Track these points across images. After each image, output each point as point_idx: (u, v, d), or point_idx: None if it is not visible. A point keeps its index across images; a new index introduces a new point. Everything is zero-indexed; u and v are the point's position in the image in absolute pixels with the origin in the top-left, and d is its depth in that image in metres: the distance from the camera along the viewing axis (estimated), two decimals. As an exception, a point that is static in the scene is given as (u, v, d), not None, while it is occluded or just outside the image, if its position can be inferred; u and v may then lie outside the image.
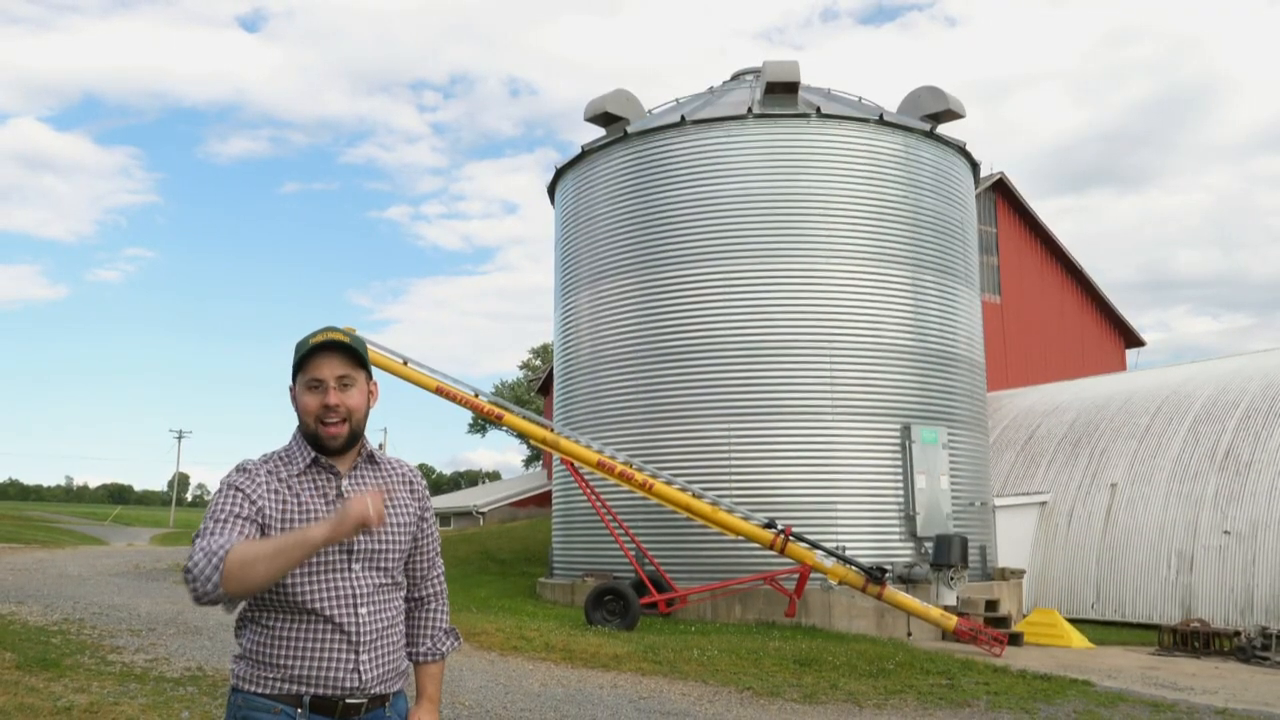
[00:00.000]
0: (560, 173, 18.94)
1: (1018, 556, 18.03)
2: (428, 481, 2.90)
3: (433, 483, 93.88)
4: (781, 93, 16.66)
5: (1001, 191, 28.47)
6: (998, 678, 9.98)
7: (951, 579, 14.11)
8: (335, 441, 2.47)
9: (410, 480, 2.64)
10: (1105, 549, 17.54)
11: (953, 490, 15.86)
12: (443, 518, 36.66)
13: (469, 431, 62.12)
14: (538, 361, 57.80)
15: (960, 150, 17.73)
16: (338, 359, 2.48)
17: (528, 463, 55.69)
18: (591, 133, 18.31)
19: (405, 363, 15.26)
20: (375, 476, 2.57)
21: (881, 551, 14.66)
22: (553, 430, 15.05)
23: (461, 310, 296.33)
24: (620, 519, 14.77)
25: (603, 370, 16.89)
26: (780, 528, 13.06)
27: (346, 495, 2.47)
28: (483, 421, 54.92)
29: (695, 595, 14.37)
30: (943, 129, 17.45)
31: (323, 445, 2.48)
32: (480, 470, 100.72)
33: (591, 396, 17.06)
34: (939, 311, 16.46)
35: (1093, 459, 18.90)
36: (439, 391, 15.18)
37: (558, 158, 37.82)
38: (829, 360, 15.40)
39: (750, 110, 16.29)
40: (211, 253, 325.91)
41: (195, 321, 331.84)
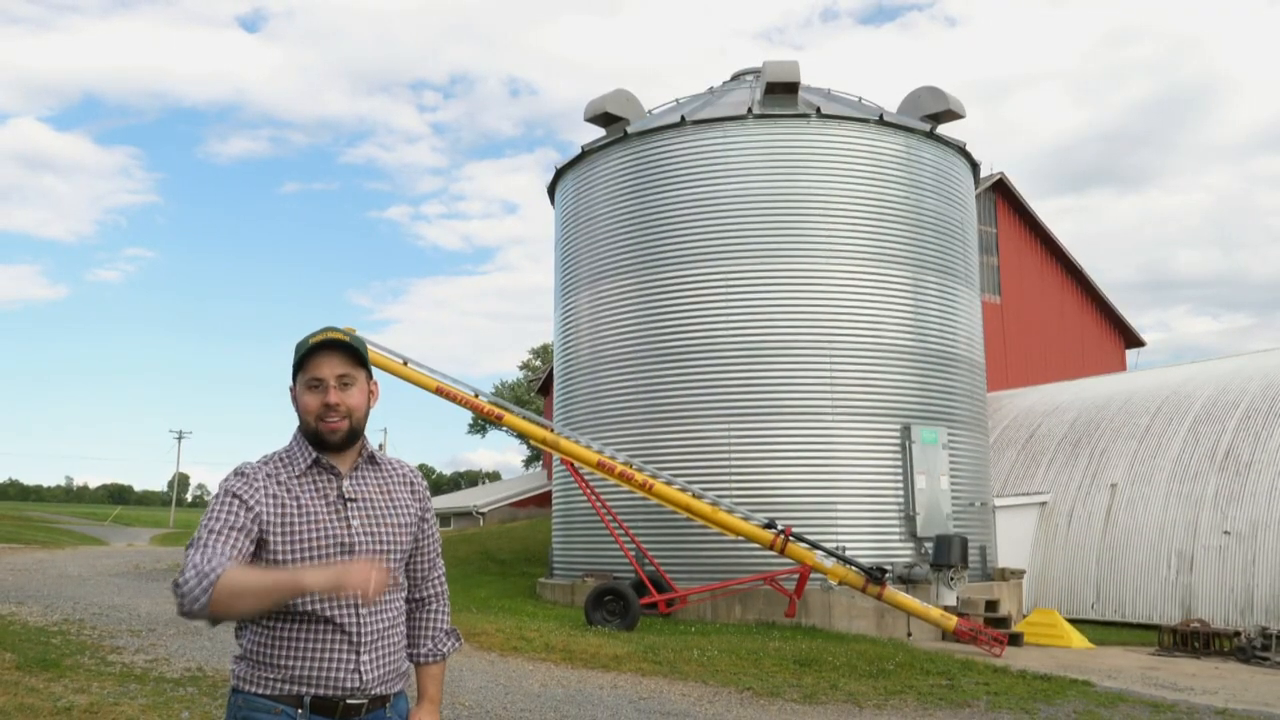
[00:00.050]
0: (560, 173, 18.94)
1: (1018, 557, 18.04)
2: (428, 482, 2.89)
3: (433, 483, 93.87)
4: (781, 93, 16.66)
5: (1001, 191, 28.48)
6: (998, 678, 9.98)
7: (951, 579, 14.11)
8: (335, 436, 2.47)
9: (411, 481, 2.64)
10: (1105, 549, 17.54)
11: (953, 490, 15.86)
12: (443, 518, 36.65)
13: (469, 432, 62.20)
14: (538, 361, 57.80)
15: (960, 150, 17.73)
16: (338, 358, 2.48)
17: (528, 463, 55.71)
18: (591, 133, 18.33)
19: (405, 363, 15.27)
20: (376, 477, 2.57)
21: (881, 552, 14.66)
22: (553, 430, 15.05)
23: (461, 310, 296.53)
24: (620, 519, 14.77)
25: (603, 370, 16.89)
26: (780, 528, 13.06)
27: (347, 495, 2.48)
28: (483, 422, 54.94)
29: (695, 595, 14.37)
30: (943, 129, 17.45)
31: (323, 442, 2.48)
32: (480, 470, 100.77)
33: (591, 396, 17.06)
34: (939, 312, 16.47)
35: (1093, 459, 18.90)
36: (439, 392, 15.19)
37: (558, 158, 37.85)
38: (829, 360, 15.40)
39: (750, 110, 16.29)
40: (211, 253, 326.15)
41: (195, 321, 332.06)
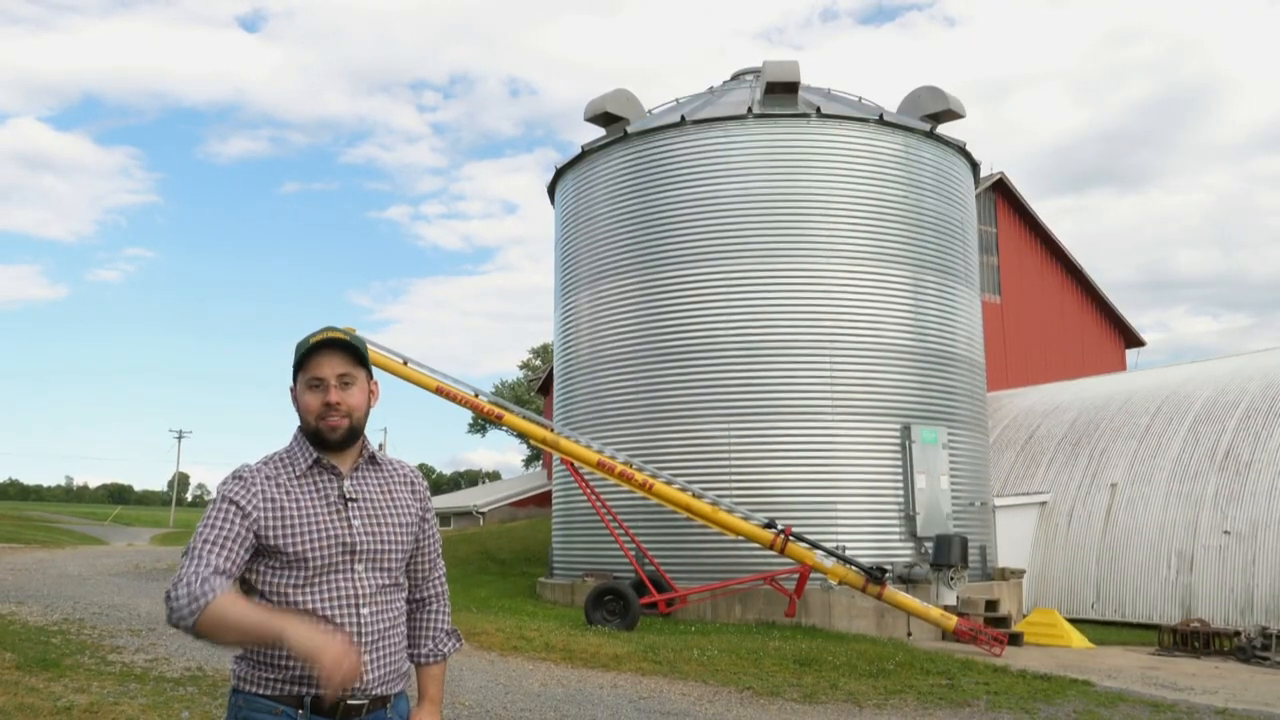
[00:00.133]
0: (560, 173, 18.93)
1: (1018, 556, 18.03)
2: (428, 482, 2.88)
3: (433, 483, 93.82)
4: (781, 93, 16.66)
5: (1001, 191, 28.47)
6: (998, 678, 9.98)
7: (951, 579, 14.11)
8: (335, 435, 2.46)
9: (412, 481, 2.64)
10: (1105, 549, 17.54)
11: (953, 490, 15.86)
12: (443, 518, 36.64)
13: (469, 431, 62.17)
14: (538, 361, 57.78)
15: (960, 150, 17.73)
16: (338, 357, 2.48)
17: (528, 463, 55.69)
18: (591, 133, 18.32)
19: (405, 363, 15.26)
20: (377, 477, 2.57)
21: (881, 551, 14.66)
22: (553, 430, 15.05)
23: (461, 310, 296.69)
24: (620, 519, 14.77)
25: (603, 370, 16.88)
26: (780, 528, 13.06)
27: (348, 495, 2.48)
28: (483, 421, 54.91)
29: (695, 595, 14.37)
30: (943, 129, 17.45)
31: (324, 441, 2.47)
32: (480, 470, 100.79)
33: (591, 396, 17.05)
34: (939, 311, 16.46)
35: (1093, 459, 18.89)
36: (439, 391, 15.19)
37: (558, 158, 37.82)
38: (829, 360, 15.40)
39: (750, 110, 16.29)
40: (211, 253, 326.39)
41: (195, 321, 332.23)
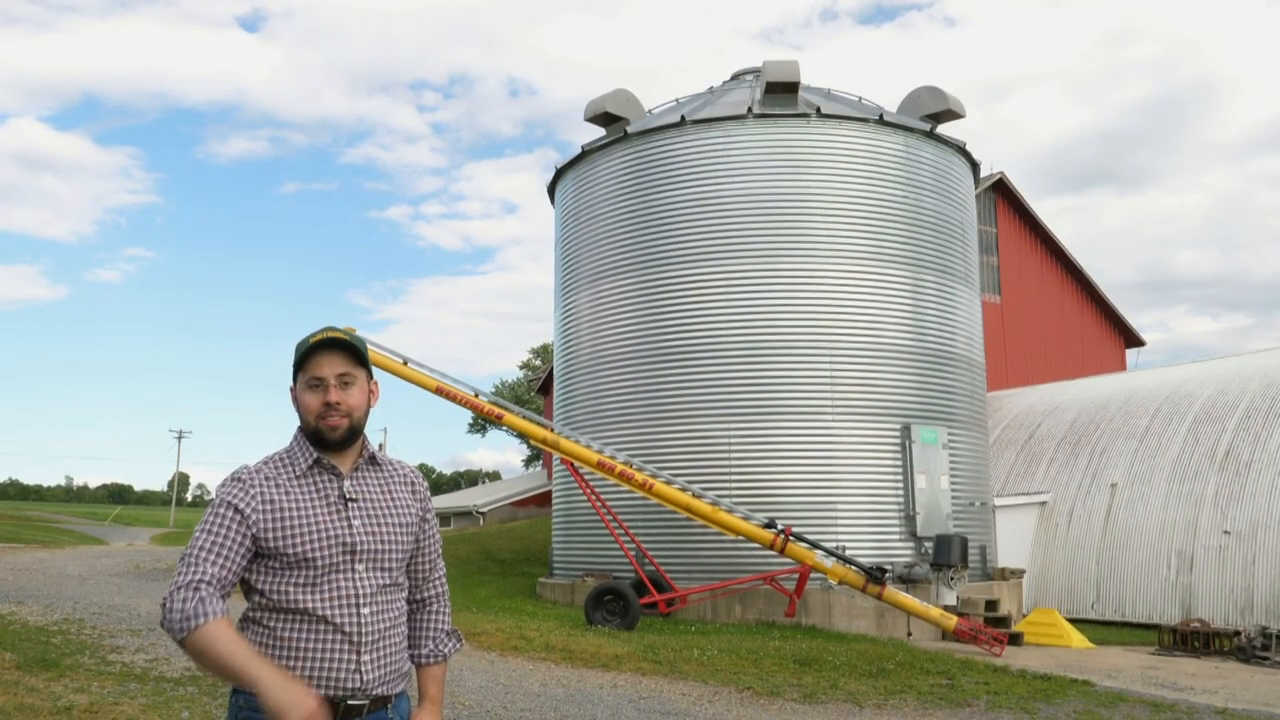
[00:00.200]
0: (560, 173, 18.93)
1: (1018, 556, 18.03)
2: (428, 482, 2.89)
3: (433, 483, 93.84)
4: (781, 93, 16.66)
5: (1001, 191, 28.47)
6: (998, 678, 9.97)
7: (951, 579, 14.10)
8: (335, 434, 2.46)
9: (412, 481, 2.64)
10: (1105, 549, 17.54)
11: (953, 490, 15.86)
12: (443, 518, 36.64)
13: (469, 431, 62.18)
14: (538, 361, 57.79)
15: (960, 150, 17.72)
16: (338, 357, 2.48)
17: (528, 463, 55.70)
18: (591, 133, 18.32)
19: (405, 363, 15.26)
20: (377, 477, 2.57)
21: (881, 551, 14.66)
22: (553, 430, 15.05)
23: (461, 310, 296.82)
24: (620, 519, 14.77)
25: (603, 370, 16.88)
26: (780, 528, 13.05)
27: (348, 495, 2.48)
28: (483, 421, 54.86)
29: (695, 595, 14.37)
30: (942, 129, 17.44)
31: (324, 440, 2.47)
32: (480, 470, 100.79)
33: (591, 396, 17.05)
34: (939, 311, 16.46)
35: (1093, 459, 18.89)
36: (439, 391, 15.19)
37: (558, 158, 37.84)
38: (829, 360, 15.40)
39: (750, 110, 16.29)
40: (211, 253, 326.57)
41: (195, 321, 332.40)
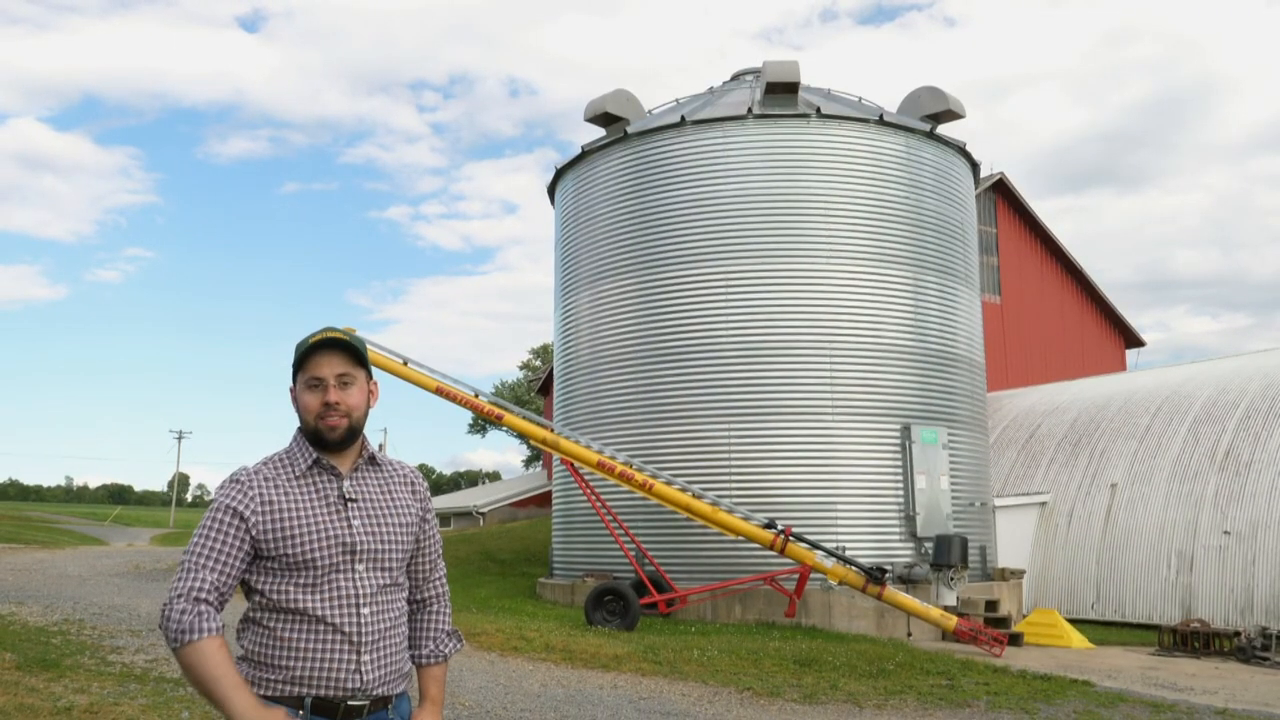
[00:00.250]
0: (560, 173, 18.93)
1: (1018, 557, 18.03)
2: (428, 482, 2.89)
3: (433, 483, 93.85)
4: (781, 93, 16.66)
5: (1001, 192, 28.48)
6: (998, 678, 9.98)
7: (951, 579, 14.10)
8: (335, 434, 2.47)
9: (412, 482, 2.64)
10: (1105, 549, 17.54)
11: (953, 490, 15.86)
12: (443, 518, 36.64)
13: (469, 431, 62.16)
14: (538, 361, 57.79)
15: (960, 150, 17.72)
16: (337, 357, 2.48)
17: (528, 463, 55.70)
18: (591, 133, 18.32)
19: (405, 363, 15.27)
20: (377, 478, 2.57)
21: (881, 552, 14.66)
22: (553, 430, 15.05)
23: (461, 310, 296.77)
24: (620, 519, 14.77)
25: (603, 370, 16.88)
26: (780, 528, 13.06)
27: (348, 496, 2.48)
28: (483, 421, 54.92)
29: (695, 595, 14.37)
30: (943, 129, 17.44)
31: (323, 440, 2.48)
32: (480, 470, 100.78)
33: (591, 396, 17.05)
34: (939, 312, 16.46)
35: (1093, 459, 18.89)
36: (439, 391, 15.19)
37: (558, 158, 37.86)
38: (829, 360, 15.40)
39: (750, 110, 16.29)
40: (211, 253, 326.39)
41: (195, 321, 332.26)
